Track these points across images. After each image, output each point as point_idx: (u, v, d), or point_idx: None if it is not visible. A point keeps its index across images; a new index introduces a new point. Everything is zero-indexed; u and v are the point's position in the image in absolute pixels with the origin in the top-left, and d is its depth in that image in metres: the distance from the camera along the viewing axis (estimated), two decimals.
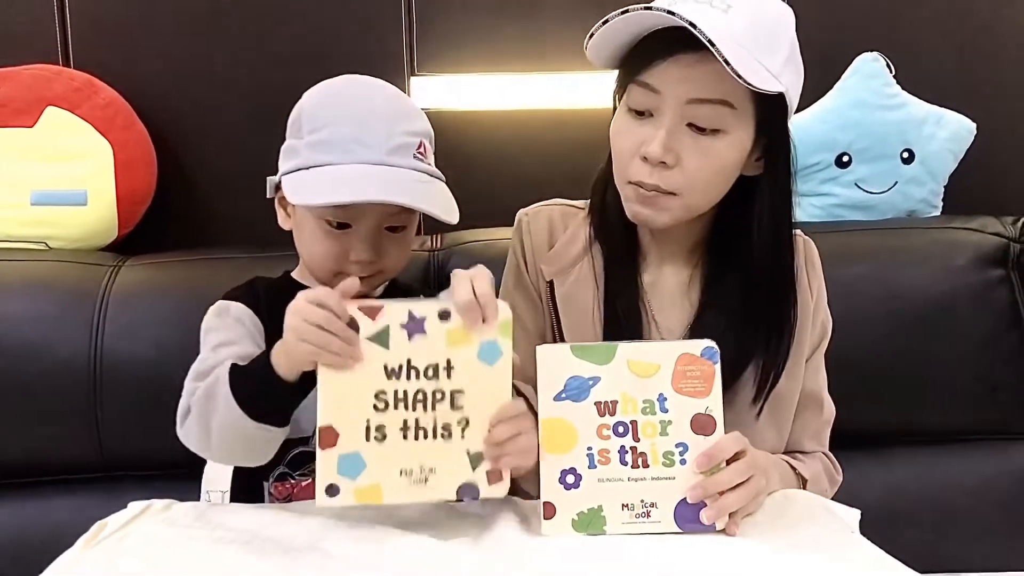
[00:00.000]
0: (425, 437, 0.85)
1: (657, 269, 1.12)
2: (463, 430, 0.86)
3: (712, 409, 0.86)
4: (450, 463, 0.86)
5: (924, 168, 1.70)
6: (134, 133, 1.65)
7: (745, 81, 0.90)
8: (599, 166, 1.12)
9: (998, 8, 1.79)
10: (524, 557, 0.82)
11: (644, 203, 1.01)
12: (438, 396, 0.85)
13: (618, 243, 1.11)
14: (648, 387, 0.86)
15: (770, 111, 0.99)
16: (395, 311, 0.84)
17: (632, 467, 0.86)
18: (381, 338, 0.84)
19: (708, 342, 0.86)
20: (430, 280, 1.53)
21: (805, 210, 1.73)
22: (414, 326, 0.84)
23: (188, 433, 0.96)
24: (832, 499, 1.03)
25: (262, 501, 1.06)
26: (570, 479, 0.86)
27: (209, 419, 0.92)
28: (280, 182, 1.04)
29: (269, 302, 1.06)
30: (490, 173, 1.76)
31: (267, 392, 0.89)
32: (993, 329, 1.53)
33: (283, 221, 1.10)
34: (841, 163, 1.69)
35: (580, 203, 1.16)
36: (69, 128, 1.59)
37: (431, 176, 1.04)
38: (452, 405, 0.86)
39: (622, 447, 0.86)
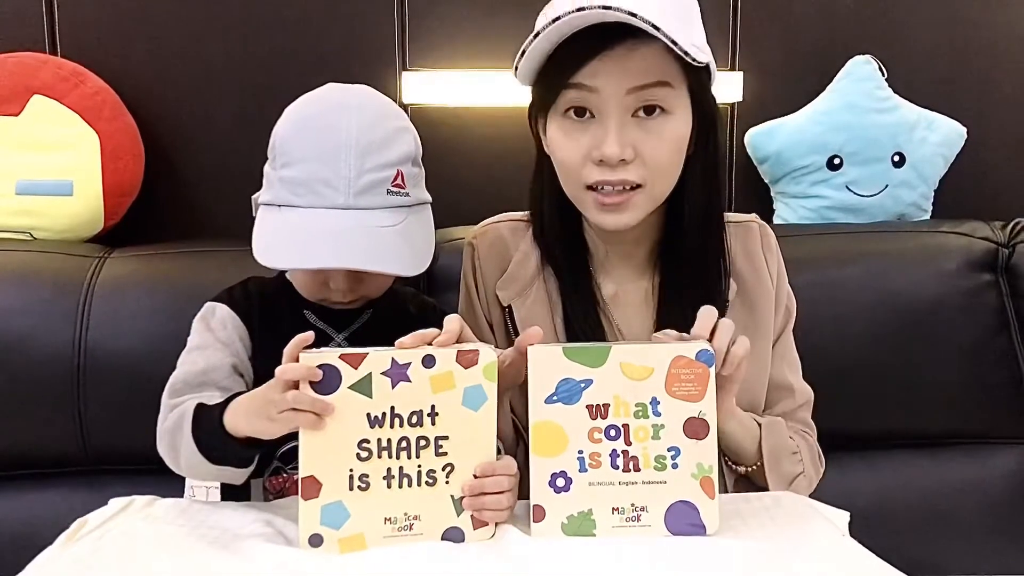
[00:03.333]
0: (409, 484, 0.84)
1: (617, 280, 1.11)
2: (448, 475, 0.85)
3: (706, 413, 0.85)
4: (435, 509, 0.85)
5: (915, 172, 1.71)
6: (121, 124, 1.64)
7: (691, 58, 0.92)
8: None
9: (991, 13, 1.79)
10: (517, 558, 0.82)
11: (609, 208, 1.00)
12: (422, 443, 0.84)
13: (569, 260, 1.10)
14: (641, 390, 0.85)
15: (699, 82, 1.00)
16: (377, 359, 0.83)
17: (623, 471, 0.86)
18: (363, 386, 0.82)
19: (703, 344, 0.86)
20: (420, 281, 1.51)
21: (795, 211, 1.73)
22: (397, 373, 0.83)
23: (164, 454, 0.98)
24: (816, 497, 1.02)
25: (249, 497, 1.05)
26: (560, 482, 0.86)
27: (177, 452, 0.94)
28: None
29: (262, 303, 1.07)
30: (481, 170, 1.75)
31: (223, 446, 0.90)
32: (981, 333, 1.53)
33: None
34: (832, 165, 1.69)
35: (526, 215, 1.15)
36: (55, 117, 1.58)
37: (409, 209, 1.02)
38: (436, 451, 0.84)
39: (614, 451, 0.86)
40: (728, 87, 1.75)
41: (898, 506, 1.51)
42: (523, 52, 0.96)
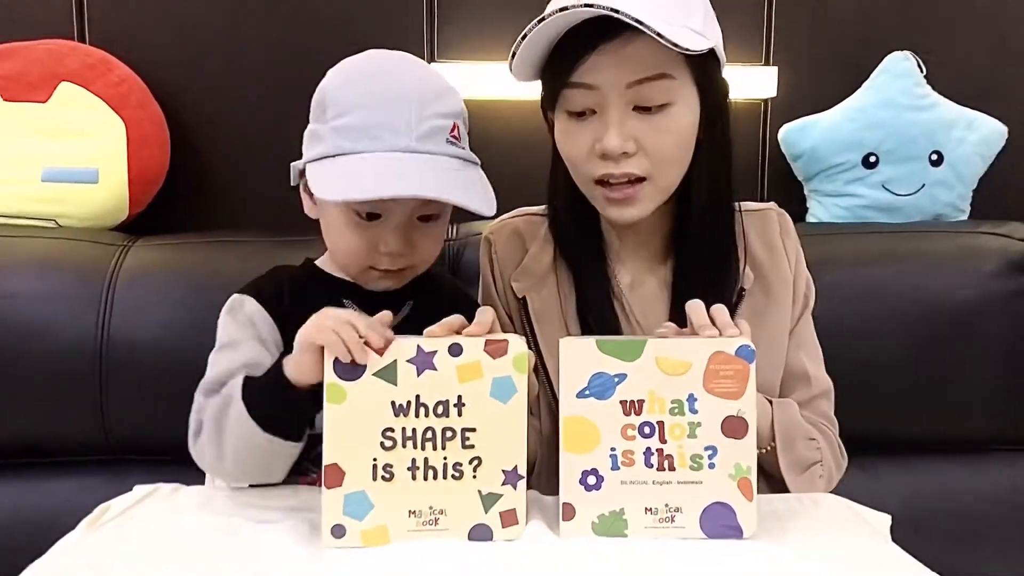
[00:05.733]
0: (435, 477, 0.82)
1: (633, 270, 1.11)
2: (475, 469, 0.83)
3: (745, 412, 0.82)
4: (461, 504, 0.83)
5: (953, 171, 1.67)
6: (148, 112, 1.63)
7: (680, 48, 0.90)
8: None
9: None
10: (545, 558, 0.79)
11: (618, 202, 1.00)
12: (448, 434, 0.82)
13: (584, 252, 1.09)
14: (677, 386, 0.82)
15: (705, 69, 0.99)
16: (403, 346, 0.81)
17: (657, 470, 0.83)
18: (388, 374, 0.81)
19: (744, 340, 0.83)
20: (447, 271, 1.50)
21: (829, 210, 1.71)
22: (423, 361, 0.81)
23: (201, 452, 0.94)
24: (835, 493, 0.99)
25: None
26: (591, 480, 0.83)
27: (222, 436, 0.90)
28: (304, 169, 1.00)
29: (292, 293, 1.03)
30: (510, 163, 1.71)
31: (280, 403, 0.87)
32: (1020, 337, 1.49)
33: (308, 209, 1.05)
34: (868, 164, 1.66)
35: (544, 210, 1.15)
36: (82, 105, 1.57)
37: (465, 162, 1.00)
38: (463, 443, 0.82)
39: (648, 449, 0.83)
40: (761, 82, 1.73)
41: (932, 514, 1.48)
42: (513, 54, 0.95)
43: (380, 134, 0.94)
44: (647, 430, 0.83)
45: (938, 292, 1.49)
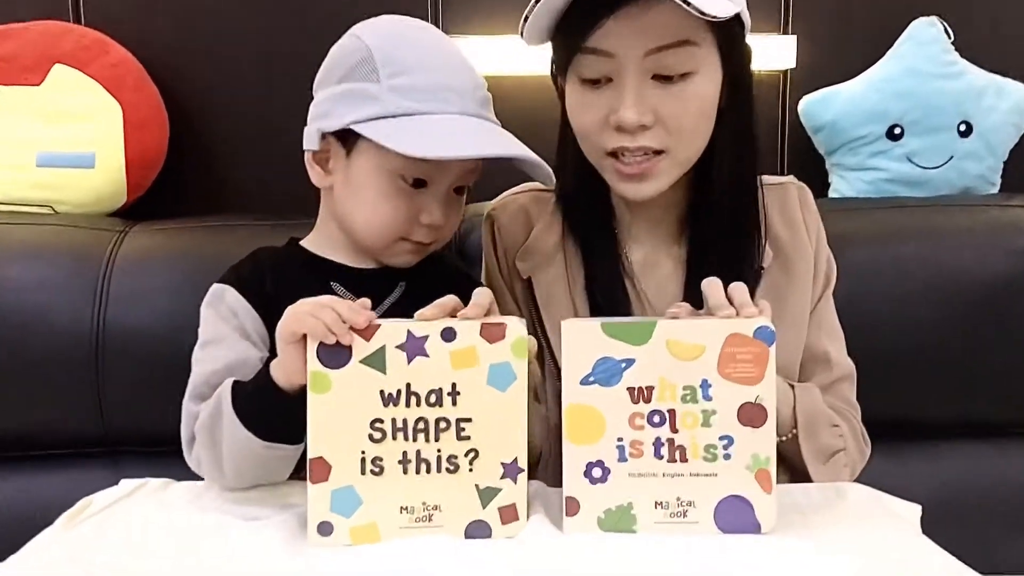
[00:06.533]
0: (428, 471, 0.77)
1: (645, 248, 1.06)
2: (471, 462, 0.77)
3: (763, 398, 0.76)
4: (457, 499, 0.77)
5: (982, 142, 1.61)
6: (145, 94, 1.59)
7: (707, 15, 0.84)
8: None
9: None
10: (549, 556, 0.74)
11: (632, 177, 0.94)
12: (442, 425, 0.77)
13: (594, 228, 1.04)
14: (690, 371, 0.77)
15: (728, 36, 0.93)
16: (392, 331, 0.76)
17: (668, 461, 0.77)
18: (376, 360, 0.76)
19: (763, 320, 0.77)
20: (452, 251, 1.45)
21: (853, 185, 1.65)
22: (414, 347, 0.76)
23: (198, 461, 0.90)
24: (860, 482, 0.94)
25: None
26: (597, 473, 0.78)
27: (218, 446, 0.85)
28: (338, 132, 0.94)
29: (276, 277, 0.98)
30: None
31: (272, 409, 0.82)
32: None
33: (319, 179, 0.99)
34: (892, 135, 1.61)
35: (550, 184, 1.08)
36: (77, 87, 1.53)
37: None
38: (458, 435, 0.77)
39: (658, 438, 0.77)
40: (780, 52, 1.66)
41: (961, 501, 1.43)
42: (526, 17, 0.90)
43: (447, 96, 0.92)
44: (657, 419, 0.78)
45: (967, 270, 1.43)
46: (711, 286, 0.82)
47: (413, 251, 0.99)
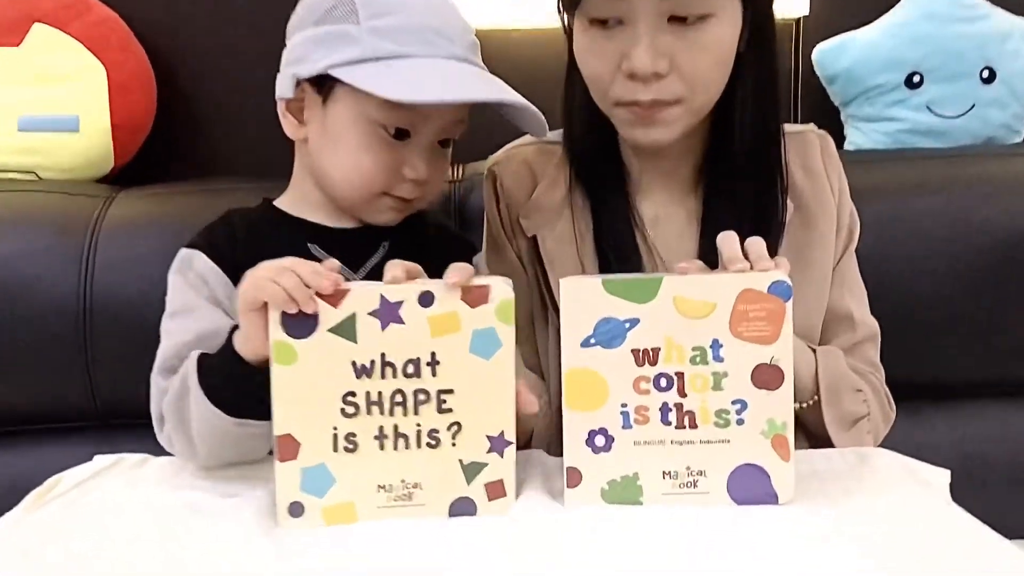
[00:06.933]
0: (407, 446, 0.72)
1: (658, 202, 1.00)
2: (454, 436, 0.72)
3: (779, 359, 0.71)
4: (440, 476, 0.72)
5: (1007, 88, 1.56)
6: (130, 55, 1.54)
7: None
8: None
9: None
10: (548, 530, 0.70)
11: (645, 123, 0.89)
12: (421, 397, 0.71)
13: (603, 180, 0.98)
14: (699, 331, 0.71)
15: None
16: (363, 295, 0.70)
17: (677, 428, 0.72)
18: (346, 329, 0.70)
19: (779, 274, 0.71)
20: (451, 213, 1.40)
21: (869, 136, 1.60)
22: (388, 313, 0.70)
23: (169, 441, 0.85)
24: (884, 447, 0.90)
25: None
26: (600, 441, 0.73)
27: (187, 422, 0.80)
28: (315, 78, 0.88)
29: (248, 239, 0.93)
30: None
31: (240, 384, 0.77)
32: None
33: (292, 130, 0.94)
34: (911, 84, 1.56)
35: (556, 136, 1.02)
36: (58, 47, 1.48)
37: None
38: (439, 408, 0.72)
39: (665, 404, 0.72)
40: None
41: (984, 462, 1.39)
42: None
43: (433, 39, 0.87)
44: (664, 383, 0.72)
45: (990, 223, 1.38)
46: (726, 240, 0.76)
47: (396, 208, 0.94)
